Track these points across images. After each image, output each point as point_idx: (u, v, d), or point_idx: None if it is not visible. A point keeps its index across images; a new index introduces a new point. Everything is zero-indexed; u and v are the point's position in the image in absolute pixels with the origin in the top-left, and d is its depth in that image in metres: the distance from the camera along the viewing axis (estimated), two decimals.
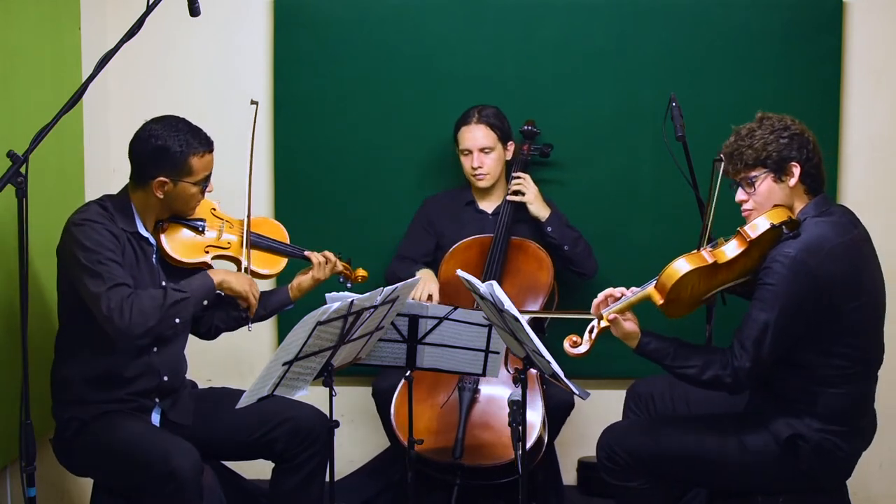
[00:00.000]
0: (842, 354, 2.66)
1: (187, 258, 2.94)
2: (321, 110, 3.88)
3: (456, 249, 3.59)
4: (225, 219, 3.07)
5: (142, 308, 2.69)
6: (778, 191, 2.72)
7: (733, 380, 2.66)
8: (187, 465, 2.66)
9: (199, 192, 2.89)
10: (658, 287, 2.70)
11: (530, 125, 3.74)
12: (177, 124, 2.84)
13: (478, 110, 3.62)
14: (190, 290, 2.82)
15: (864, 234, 2.77)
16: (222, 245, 3.02)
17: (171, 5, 2.71)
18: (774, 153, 2.69)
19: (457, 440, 3.25)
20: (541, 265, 3.56)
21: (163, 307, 2.73)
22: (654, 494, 2.83)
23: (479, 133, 3.59)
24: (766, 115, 2.77)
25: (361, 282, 3.27)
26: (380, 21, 3.85)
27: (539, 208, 3.61)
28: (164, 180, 2.82)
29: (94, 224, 2.76)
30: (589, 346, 2.76)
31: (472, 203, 3.74)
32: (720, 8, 3.83)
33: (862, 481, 3.53)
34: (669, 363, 2.73)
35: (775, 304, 2.61)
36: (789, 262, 2.60)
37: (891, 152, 3.92)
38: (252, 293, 2.97)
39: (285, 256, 3.13)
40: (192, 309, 2.83)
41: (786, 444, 2.69)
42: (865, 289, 2.68)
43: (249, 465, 3.27)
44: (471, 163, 3.62)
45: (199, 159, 2.84)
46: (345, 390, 3.73)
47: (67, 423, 2.83)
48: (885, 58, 3.89)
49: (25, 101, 3.08)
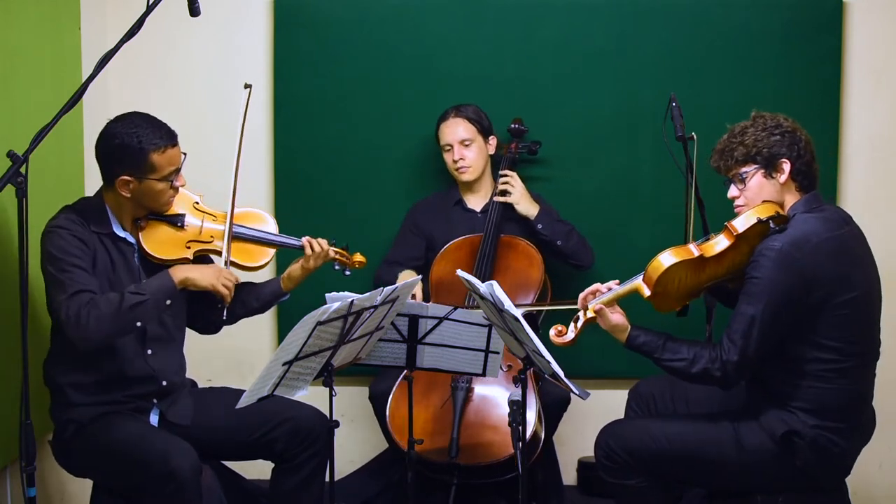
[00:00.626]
0: (833, 349, 2.66)
1: (168, 255, 2.90)
2: (321, 110, 3.88)
3: (446, 250, 3.60)
4: (208, 212, 3.01)
5: (98, 314, 2.65)
6: (768, 186, 2.74)
7: (722, 373, 2.67)
8: (186, 465, 2.65)
9: (168, 188, 2.85)
10: (645, 279, 2.73)
11: (517, 123, 3.75)
12: (135, 121, 2.80)
13: (455, 108, 3.66)
14: (149, 291, 2.74)
15: (857, 232, 2.77)
16: (204, 239, 2.97)
17: (171, 5, 2.71)
18: (765, 150, 2.72)
19: (452, 440, 3.25)
20: (531, 262, 3.56)
21: (119, 312, 2.67)
22: (652, 493, 2.83)
23: (459, 127, 3.62)
24: (759, 114, 2.80)
25: (359, 267, 3.22)
26: (380, 21, 3.85)
27: (527, 207, 3.61)
28: (127, 179, 2.78)
29: (61, 230, 2.75)
30: (574, 335, 2.78)
31: (460, 202, 3.74)
32: (720, 8, 3.83)
33: (862, 481, 3.53)
34: (658, 356, 2.75)
35: (762, 298, 2.62)
36: (775, 254, 2.61)
37: (891, 152, 3.92)
38: (221, 284, 2.87)
39: (273, 247, 3.08)
40: (152, 311, 2.76)
41: (782, 440, 2.69)
42: (856, 284, 2.68)
43: (249, 465, 3.27)
44: (452, 157, 3.63)
45: (160, 155, 2.79)
46: (345, 390, 3.73)
47: (66, 425, 2.83)
48: (885, 58, 3.89)
49: (25, 101, 3.08)
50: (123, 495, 2.84)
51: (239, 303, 3.11)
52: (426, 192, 3.83)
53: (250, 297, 3.11)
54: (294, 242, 3.10)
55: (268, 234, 3.08)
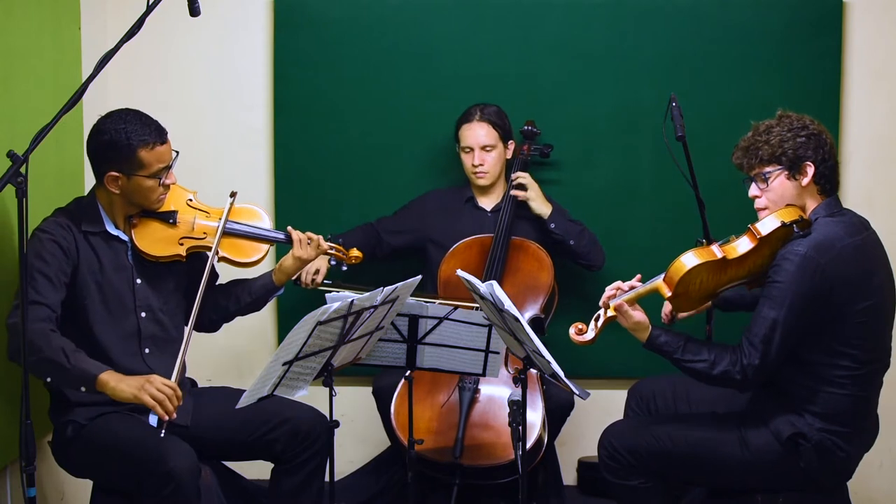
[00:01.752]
0: (849, 356, 2.66)
1: (160, 252, 2.90)
2: (321, 110, 3.88)
3: (456, 249, 3.59)
4: (201, 208, 3.01)
5: (32, 341, 2.57)
6: (791, 188, 2.73)
7: (743, 377, 2.66)
8: (184, 465, 2.65)
9: (158, 185, 2.84)
10: (666, 280, 2.71)
11: (530, 125, 3.74)
12: (125, 117, 2.80)
13: (479, 108, 3.62)
14: (74, 366, 2.63)
15: (875, 237, 2.78)
16: (197, 235, 2.97)
17: (171, 5, 2.71)
18: (790, 151, 2.70)
19: (456, 440, 3.25)
20: (541, 265, 3.56)
21: (41, 355, 2.61)
22: (654, 493, 2.83)
23: (482, 131, 3.60)
24: (785, 114, 2.78)
25: (356, 262, 3.22)
26: (380, 21, 3.85)
27: (541, 205, 3.61)
28: (115, 175, 2.79)
29: (42, 234, 2.76)
30: (595, 333, 2.77)
31: (471, 199, 3.74)
32: (720, 8, 3.83)
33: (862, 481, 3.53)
34: (679, 357, 2.73)
35: (784, 302, 2.61)
36: (799, 259, 2.61)
37: (891, 152, 3.92)
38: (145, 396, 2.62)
39: (265, 242, 3.07)
40: (63, 381, 2.69)
41: (787, 442, 2.69)
42: (875, 291, 2.68)
43: (249, 465, 3.26)
44: (472, 160, 3.62)
45: (148, 152, 2.79)
46: (345, 390, 3.73)
47: (65, 426, 2.83)
48: (885, 58, 3.89)
49: (25, 101, 3.08)
50: (123, 495, 2.84)
51: (232, 299, 3.12)
52: (426, 191, 3.81)
53: (242, 292, 3.11)
54: (282, 236, 3.10)
55: (258, 230, 3.07)
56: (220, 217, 2.97)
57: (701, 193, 3.24)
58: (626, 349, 2.85)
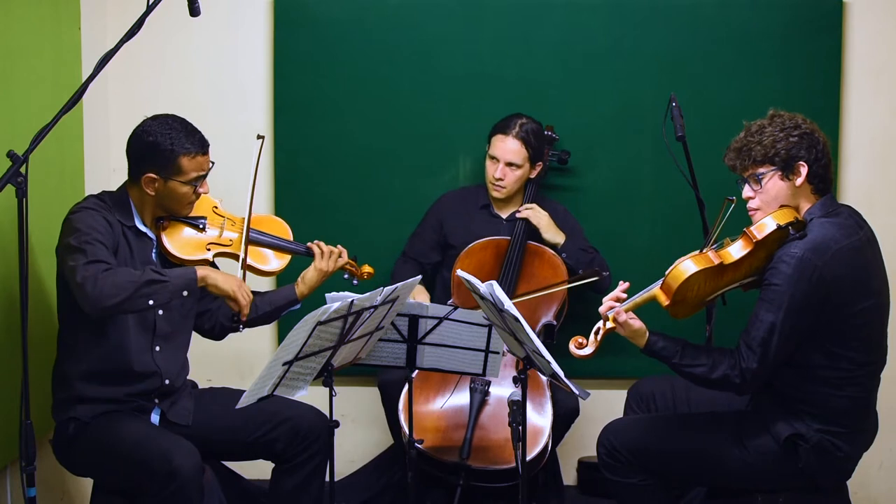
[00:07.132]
0: (847, 358, 2.66)
1: (188, 255, 2.94)
2: (321, 110, 3.88)
3: (471, 249, 3.57)
4: (226, 217, 3.06)
5: (115, 281, 2.63)
6: (785, 189, 2.71)
7: (741, 380, 2.65)
8: (188, 464, 2.65)
9: (192, 192, 2.88)
10: (664, 288, 2.70)
11: (549, 130, 3.72)
12: (172, 123, 2.84)
13: (519, 123, 3.57)
14: (170, 276, 2.73)
15: (870, 235, 2.77)
16: (224, 242, 3.01)
17: (171, 5, 2.71)
18: (783, 151, 2.68)
19: (465, 441, 3.24)
20: (556, 272, 3.53)
21: (137, 284, 2.66)
22: (654, 491, 2.83)
23: (514, 146, 3.55)
24: (777, 113, 2.76)
25: (367, 278, 3.25)
26: (380, 21, 3.85)
27: (553, 235, 3.58)
28: (152, 176, 2.82)
29: (90, 210, 2.79)
30: (594, 347, 2.76)
31: (487, 207, 3.72)
32: (720, 8, 3.83)
33: (862, 481, 3.54)
34: (677, 362, 2.72)
35: (781, 305, 2.60)
36: (795, 262, 2.60)
37: (891, 152, 3.92)
38: (241, 294, 2.86)
39: (287, 253, 3.12)
40: (168, 295, 2.74)
41: (785, 443, 2.69)
42: (871, 291, 2.68)
43: (249, 465, 3.26)
44: (494, 171, 3.59)
45: (189, 160, 2.83)
46: (345, 390, 3.73)
47: (67, 423, 2.83)
48: (885, 58, 3.89)
49: (25, 101, 3.08)
50: (124, 495, 2.84)
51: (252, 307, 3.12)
52: (426, 191, 3.82)
53: (263, 301, 3.13)
54: (303, 249, 3.14)
55: (282, 241, 3.12)
56: (244, 226, 3.00)
57: (701, 193, 3.25)
58: (626, 350, 2.84)
